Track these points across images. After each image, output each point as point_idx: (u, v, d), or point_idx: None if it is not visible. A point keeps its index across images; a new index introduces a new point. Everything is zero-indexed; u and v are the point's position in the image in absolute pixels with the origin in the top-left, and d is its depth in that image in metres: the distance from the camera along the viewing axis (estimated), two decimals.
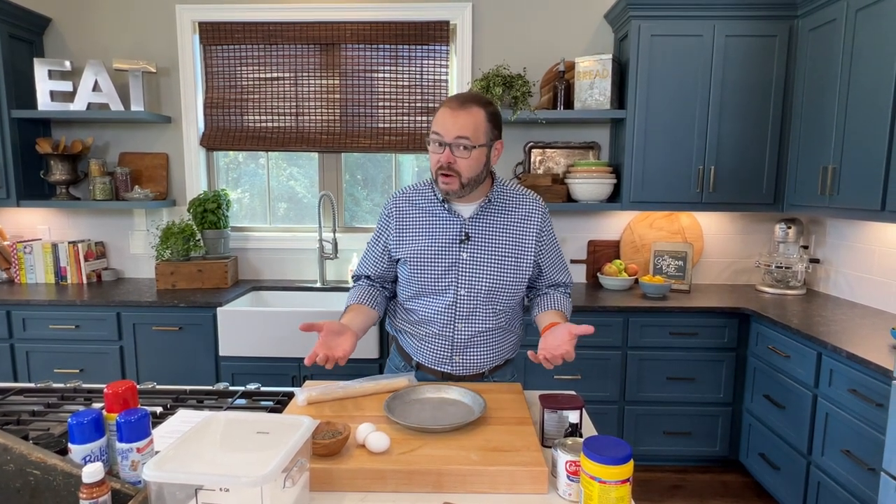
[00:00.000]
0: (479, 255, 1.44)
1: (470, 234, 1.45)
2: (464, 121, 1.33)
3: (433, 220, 1.47)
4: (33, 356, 2.65)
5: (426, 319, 1.50)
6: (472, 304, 1.46)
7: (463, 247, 1.44)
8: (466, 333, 1.48)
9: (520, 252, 1.47)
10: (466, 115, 1.34)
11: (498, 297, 1.47)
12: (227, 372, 2.59)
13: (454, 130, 1.33)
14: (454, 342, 1.49)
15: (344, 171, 3.21)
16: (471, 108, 1.35)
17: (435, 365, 1.52)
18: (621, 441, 0.95)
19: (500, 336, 1.53)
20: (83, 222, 3.17)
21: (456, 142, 1.34)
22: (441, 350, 1.51)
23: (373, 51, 3.03)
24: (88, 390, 1.46)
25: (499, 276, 1.45)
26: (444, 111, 1.36)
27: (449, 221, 1.46)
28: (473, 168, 1.37)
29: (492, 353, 1.53)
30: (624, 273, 2.96)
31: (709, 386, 2.63)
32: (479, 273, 1.44)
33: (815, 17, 2.52)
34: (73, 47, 3.05)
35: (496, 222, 1.46)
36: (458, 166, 1.35)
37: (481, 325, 1.48)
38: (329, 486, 1.02)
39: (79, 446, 0.92)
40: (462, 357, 1.50)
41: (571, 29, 3.00)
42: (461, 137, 1.33)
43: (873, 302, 2.57)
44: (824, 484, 2.04)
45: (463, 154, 1.34)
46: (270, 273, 3.20)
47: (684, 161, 2.75)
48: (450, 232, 1.45)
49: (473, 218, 1.45)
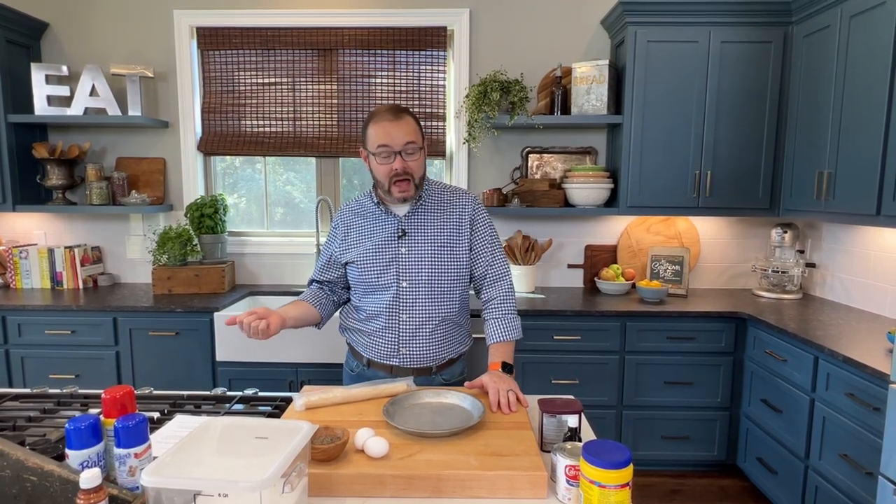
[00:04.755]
0: (416, 249, 1.57)
1: (406, 230, 1.58)
2: (405, 128, 1.48)
3: (373, 223, 1.61)
4: (29, 362, 2.63)
5: (373, 314, 1.60)
6: (414, 295, 1.57)
7: (401, 242, 1.57)
8: (411, 325, 1.58)
9: (454, 242, 1.59)
10: (406, 123, 1.49)
11: (438, 288, 1.58)
12: (224, 377, 2.58)
13: (401, 137, 1.47)
14: (400, 334, 1.58)
15: (341, 175, 3.21)
16: (405, 117, 1.50)
17: (384, 359, 1.61)
18: (621, 445, 0.95)
19: (445, 328, 1.61)
20: (80, 227, 3.16)
21: (406, 147, 1.48)
22: (388, 343, 1.59)
23: (370, 56, 3.03)
24: (85, 396, 1.45)
25: (436, 266, 1.57)
26: (383, 125, 1.48)
27: (387, 222, 1.59)
28: (421, 168, 1.54)
29: (437, 346, 1.61)
30: (621, 277, 2.96)
31: (706, 390, 2.63)
32: (417, 265, 1.56)
33: (809, 23, 2.54)
34: (70, 52, 3.04)
35: (429, 217, 1.59)
36: (410, 169, 1.50)
37: (424, 316, 1.58)
38: (328, 491, 1.02)
39: (76, 452, 0.91)
40: (408, 349, 1.59)
41: (568, 35, 3.01)
42: (409, 143, 1.48)
43: (869, 306, 2.58)
44: (822, 488, 2.04)
45: (413, 157, 1.50)
46: (268, 278, 3.20)
47: (681, 166, 2.76)
48: (388, 230, 1.58)
49: (408, 215, 1.59)
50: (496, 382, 1.40)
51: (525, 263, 2.96)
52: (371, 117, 1.52)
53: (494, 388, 1.38)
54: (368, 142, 1.52)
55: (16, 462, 0.85)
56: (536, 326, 2.57)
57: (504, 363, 1.51)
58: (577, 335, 2.59)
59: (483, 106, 2.78)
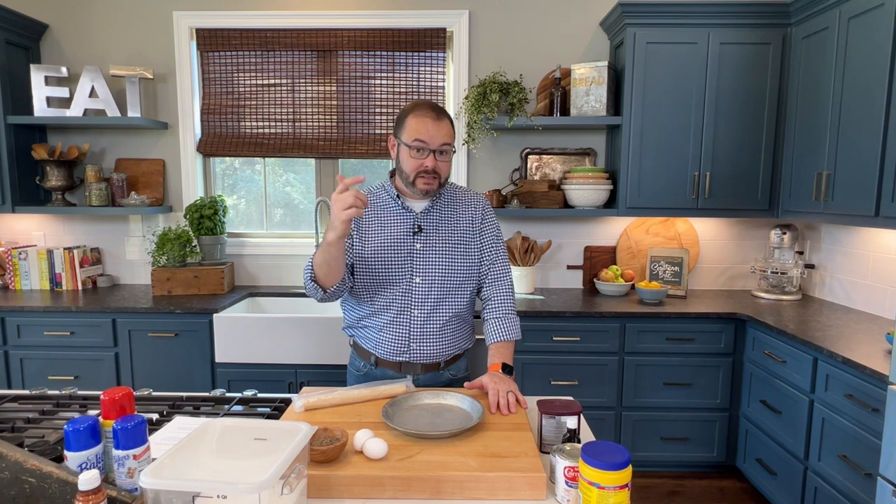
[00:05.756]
0: (430, 246, 1.58)
1: (422, 226, 1.58)
2: (446, 129, 1.50)
3: (389, 217, 1.60)
4: (28, 363, 2.63)
5: (383, 308, 1.59)
6: (427, 291, 1.57)
7: (416, 238, 1.58)
8: (420, 320, 1.58)
9: (467, 241, 1.62)
10: (446, 125, 1.50)
11: (450, 285, 1.59)
12: (223, 378, 2.58)
13: (440, 138, 1.48)
14: (411, 329, 1.58)
15: None
16: (445, 118, 1.51)
17: (393, 356, 1.59)
18: (620, 446, 0.95)
19: (454, 325, 1.62)
20: (79, 228, 3.16)
21: (441, 148, 1.49)
22: (398, 338, 1.58)
23: (370, 57, 3.04)
24: (84, 397, 1.45)
25: (450, 263, 1.59)
26: (424, 120, 1.48)
27: (403, 217, 1.59)
28: (449, 169, 1.56)
29: (447, 342, 1.61)
30: (620, 279, 2.97)
31: (706, 391, 2.63)
32: (431, 261, 1.58)
33: (808, 24, 2.55)
34: (69, 53, 3.04)
35: (445, 215, 1.61)
36: (440, 169, 1.51)
37: (435, 312, 1.58)
38: (327, 492, 1.02)
39: (75, 453, 0.91)
40: (419, 345, 1.58)
41: (568, 36, 3.02)
42: (446, 144, 1.50)
43: (868, 307, 2.58)
44: (821, 489, 2.04)
45: (445, 158, 1.52)
46: (267, 279, 3.20)
47: (680, 167, 2.76)
48: (404, 225, 1.59)
49: (425, 212, 1.60)
50: (496, 383, 1.40)
51: (524, 264, 2.96)
52: (412, 108, 1.51)
53: (494, 390, 1.38)
54: (405, 132, 1.50)
55: (14, 463, 0.85)
56: (536, 328, 2.57)
57: (504, 364, 1.51)
58: (576, 336, 2.59)
59: (482, 107, 2.78)
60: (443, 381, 1.65)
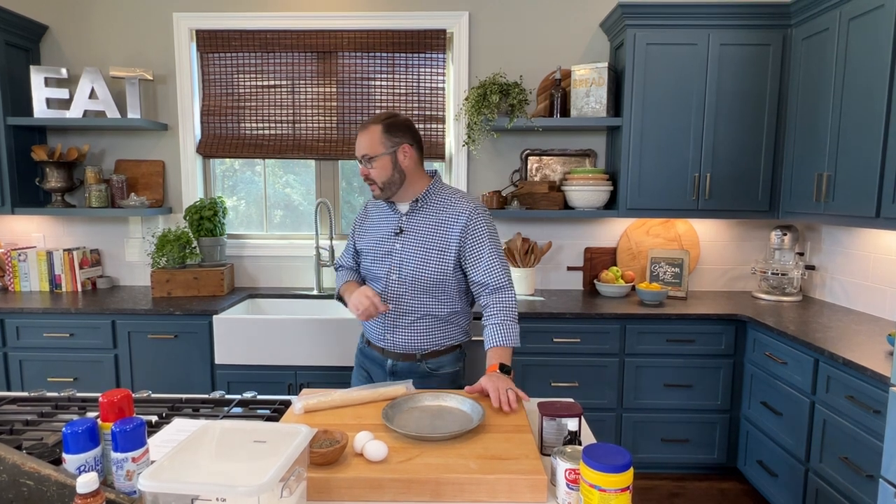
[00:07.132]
0: (408, 247, 1.67)
1: (403, 228, 1.69)
2: (362, 142, 1.63)
3: (382, 217, 1.76)
4: (27, 365, 2.62)
5: None
6: (401, 288, 1.68)
7: (397, 238, 1.69)
8: (394, 315, 1.69)
9: (442, 246, 1.66)
10: (364, 136, 1.63)
11: (422, 286, 1.66)
12: (222, 380, 2.57)
13: (359, 151, 1.65)
14: (385, 321, 1.71)
15: (341, 178, 3.21)
16: (369, 128, 1.63)
17: (376, 341, 1.76)
18: (621, 448, 0.95)
19: (427, 323, 1.70)
20: (78, 230, 3.16)
21: (362, 158, 1.64)
22: (377, 326, 1.74)
23: (370, 59, 3.04)
24: (83, 399, 1.44)
25: (423, 265, 1.65)
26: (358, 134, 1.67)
27: (391, 217, 1.73)
28: (383, 174, 1.63)
29: (420, 337, 1.70)
30: (621, 280, 2.96)
31: (706, 393, 2.63)
32: (406, 262, 1.66)
33: (808, 26, 2.55)
34: (69, 55, 3.04)
35: (425, 219, 1.69)
36: (371, 176, 1.64)
37: (408, 308, 1.68)
38: (327, 495, 1.02)
39: (73, 456, 0.91)
40: (392, 336, 1.71)
41: (567, 37, 3.02)
42: (363, 156, 1.64)
43: (869, 308, 2.58)
44: (822, 491, 2.04)
45: (374, 165, 1.62)
46: (267, 281, 3.19)
47: (680, 168, 2.76)
48: (390, 226, 1.72)
49: (407, 215, 1.70)
50: (494, 382, 1.42)
51: (524, 266, 2.95)
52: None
53: (494, 388, 1.40)
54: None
55: (12, 466, 0.85)
56: (536, 329, 2.57)
57: (501, 364, 1.52)
58: (576, 338, 2.59)
59: (482, 108, 2.78)
60: (421, 372, 1.72)
